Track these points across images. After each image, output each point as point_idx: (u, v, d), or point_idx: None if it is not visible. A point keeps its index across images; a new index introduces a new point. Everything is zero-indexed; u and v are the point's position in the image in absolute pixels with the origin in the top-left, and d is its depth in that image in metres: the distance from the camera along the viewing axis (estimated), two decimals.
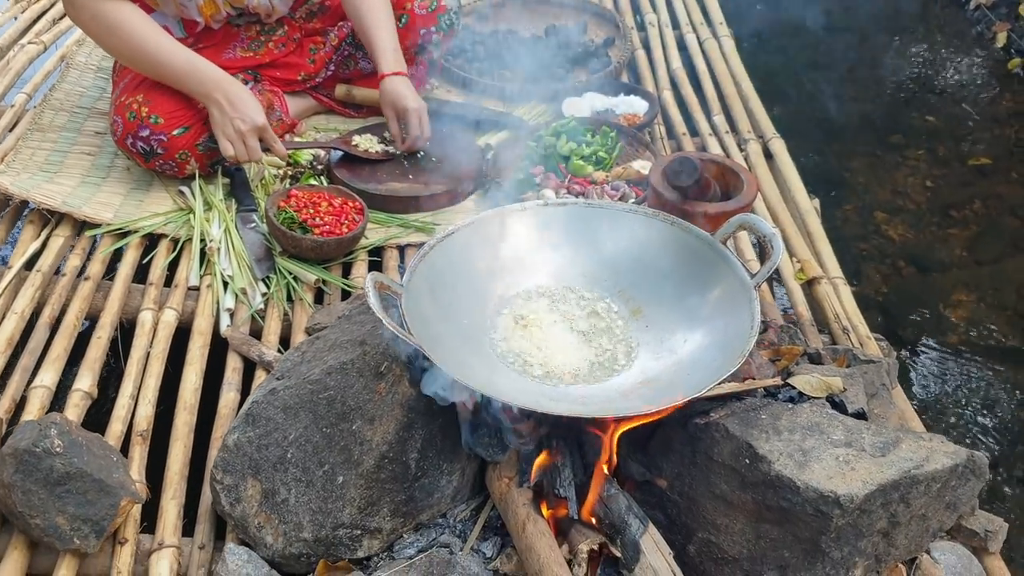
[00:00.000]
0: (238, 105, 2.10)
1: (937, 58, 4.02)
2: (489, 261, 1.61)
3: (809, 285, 2.07)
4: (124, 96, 2.18)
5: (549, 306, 1.60)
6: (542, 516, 1.35)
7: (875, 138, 3.42)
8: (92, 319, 1.95)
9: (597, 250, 1.66)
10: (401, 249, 2.16)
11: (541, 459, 1.36)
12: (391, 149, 2.39)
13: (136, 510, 1.54)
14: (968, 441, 2.28)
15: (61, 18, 2.96)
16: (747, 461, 1.30)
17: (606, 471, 1.37)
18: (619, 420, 1.35)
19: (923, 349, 2.57)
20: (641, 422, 1.36)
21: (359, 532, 1.38)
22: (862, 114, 3.59)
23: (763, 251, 1.86)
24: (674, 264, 1.60)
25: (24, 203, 2.16)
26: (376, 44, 2.29)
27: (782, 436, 1.32)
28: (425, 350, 1.32)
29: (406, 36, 2.47)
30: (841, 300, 2.02)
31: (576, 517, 1.34)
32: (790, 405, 1.41)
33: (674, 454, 1.39)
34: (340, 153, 2.36)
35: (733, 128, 2.60)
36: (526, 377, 1.47)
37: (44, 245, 2.07)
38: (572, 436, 1.40)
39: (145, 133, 2.15)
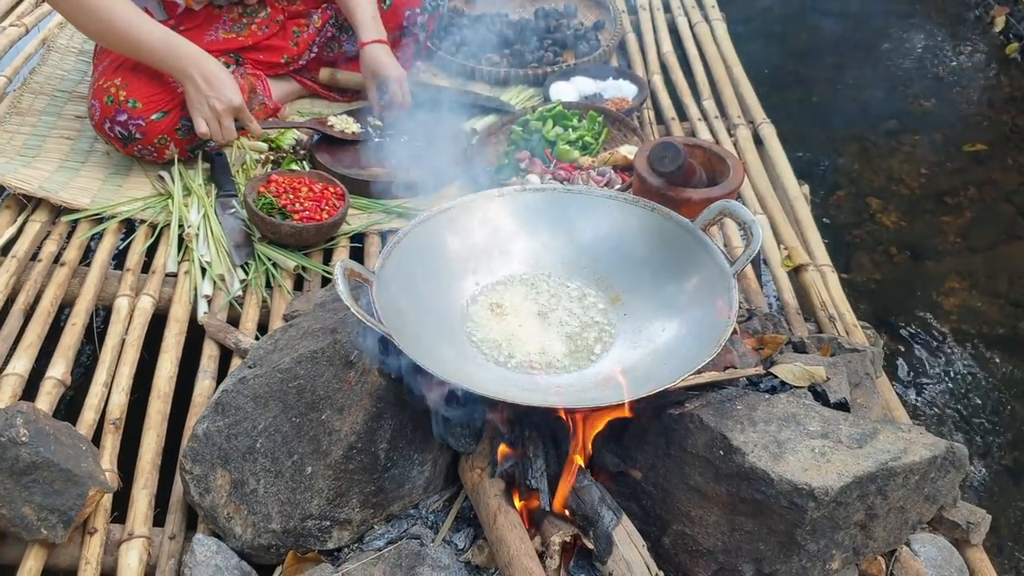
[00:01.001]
0: (214, 83, 2.06)
1: (934, 42, 3.97)
2: (464, 248, 1.59)
3: (796, 272, 2.04)
4: (102, 79, 2.15)
5: (525, 293, 1.57)
6: (514, 507, 1.32)
7: (869, 124, 3.39)
8: (68, 305, 1.92)
9: (575, 237, 1.63)
10: (383, 235, 2.13)
11: (503, 448, 1.33)
12: (370, 130, 2.36)
13: (106, 500, 1.51)
14: (957, 430, 2.26)
15: (43, 0, 2.92)
16: (721, 452, 1.27)
17: (579, 462, 1.34)
18: (591, 411, 1.32)
19: (915, 337, 2.54)
20: (613, 413, 1.33)
21: (328, 523, 1.36)
22: (857, 99, 3.55)
23: (746, 238, 1.83)
24: (653, 251, 1.57)
25: (0, 188, 2.12)
26: (356, 14, 2.28)
27: (757, 427, 1.29)
28: (394, 338, 1.29)
29: (391, 18, 2.45)
30: (828, 288, 1.99)
31: (548, 509, 1.32)
32: (767, 396, 1.38)
33: (648, 445, 1.36)
34: (319, 137, 2.33)
35: (723, 113, 2.56)
36: (500, 366, 1.45)
37: (20, 230, 2.04)
38: (546, 426, 1.37)
39: (123, 118, 2.11)
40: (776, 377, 1.59)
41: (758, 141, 2.46)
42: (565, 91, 2.55)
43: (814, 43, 3.89)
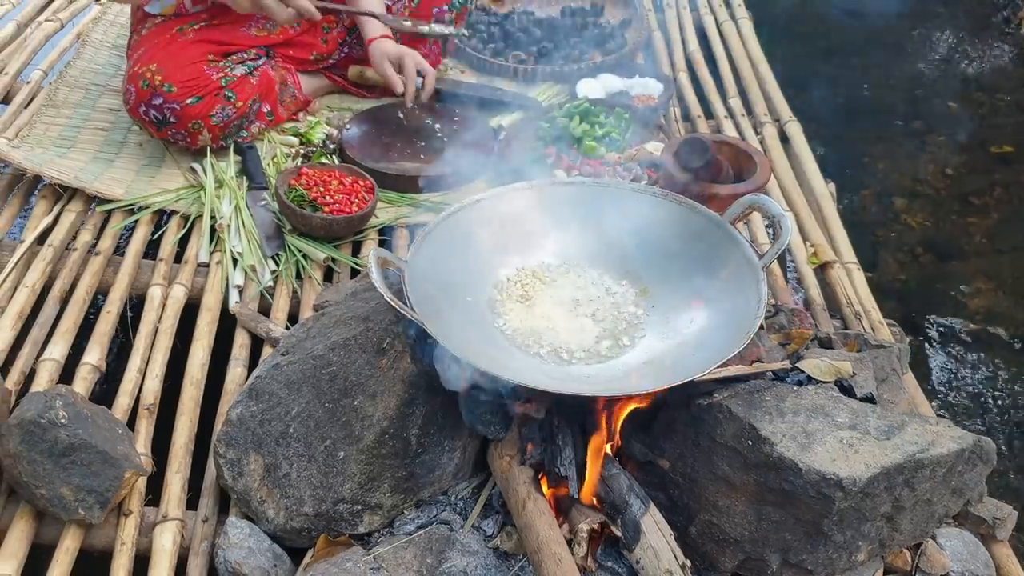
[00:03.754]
0: None
1: (960, 44, 3.96)
2: (494, 239, 1.60)
3: (822, 269, 2.05)
4: (138, 66, 2.18)
5: (554, 284, 1.59)
6: (542, 495, 1.34)
7: (895, 124, 3.38)
8: (102, 294, 1.95)
9: (604, 230, 1.64)
10: (411, 228, 2.15)
11: (531, 437, 1.35)
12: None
13: (141, 483, 1.54)
14: (982, 428, 2.25)
15: None
16: (749, 443, 1.28)
17: (608, 451, 1.36)
18: (620, 399, 1.33)
19: (939, 336, 2.54)
20: (641, 403, 1.35)
21: (359, 508, 1.38)
22: (883, 100, 3.55)
23: (774, 233, 1.84)
24: (682, 244, 1.58)
25: (37, 178, 2.16)
26: (364, 7, 2.33)
27: (786, 418, 1.30)
28: (427, 326, 1.31)
29: (418, 15, 2.47)
30: (854, 285, 2.00)
31: (576, 496, 1.33)
32: (795, 387, 1.39)
33: (677, 435, 1.37)
34: (353, 130, 2.36)
35: (749, 111, 2.57)
36: (529, 355, 1.46)
37: (56, 220, 2.08)
38: (575, 415, 1.39)
39: (158, 101, 2.15)
40: (802, 372, 1.60)
41: (784, 139, 2.46)
42: (592, 88, 2.57)
43: (840, 42, 3.89)
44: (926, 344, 2.51)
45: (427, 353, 1.38)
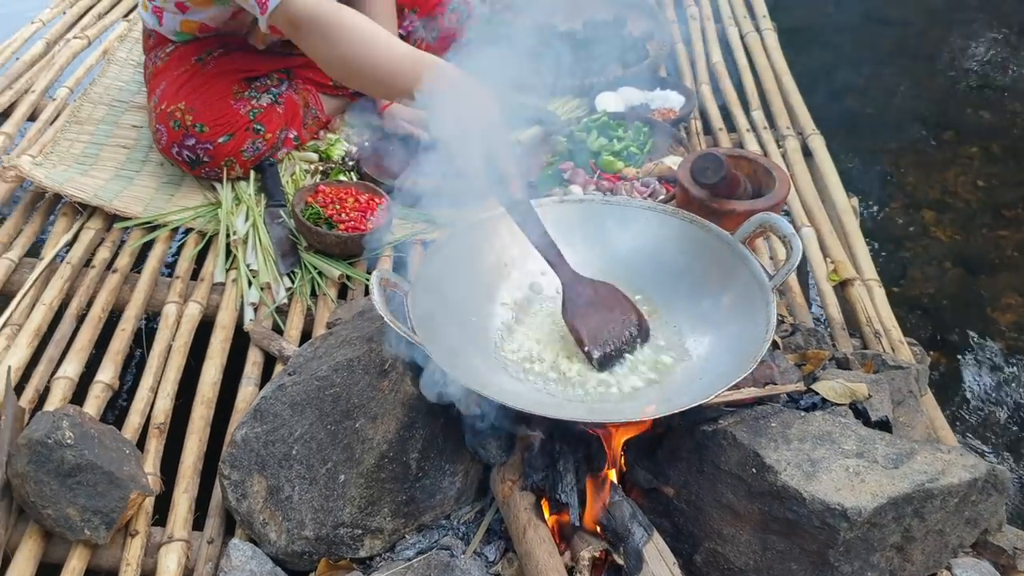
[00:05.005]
0: None
1: (996, 52, 3.88)
2: (500, 258, 1.59)
3: (842, 287, 2.01)
4: (165, 104, 2.19)
5: (559, 305, 1.56)
6: (544, 521, 1.32)
7: (926, 135, 3.32)
8: (119, 311, 1.97)
9: (612, 248, 1.62)
10: (426, 244, 2.14)
11: (532, 462, 1.33)
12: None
13: (148, 503, 1.55)
14: (1009, 451, 2.19)
15: (106, 13, 3.01)
16: (754, 470, 1.25)
17: (612, 477, 1.33)
18: (622, 425, 1.31)
19: (968, 353, 2.48)
20: (645, 428, 1.32)
21: (360, 532, 1.37)
22: (914, 110, 3.48)
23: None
24: (691, 263, 1.56)
25: (59, 196, 2.19)
26: None
27: (791, 445, 1.27)
28: (427, 349, 1.30)
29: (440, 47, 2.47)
30: (875, 303, 1.95)
31: (578, 524, 1.31)
32: (802, 414, 1.36)
33: (681, 461, 1.35)
34: (371, 147, 2.36)
35: (772, 124, 2.53)
36: (532, 377, 1.44)
37: (76, 237, 2.10)
38: (577, 440, 1.37)
39: (191, 142, 2.17)
40: (817, 394, 1.57)
41: (807, 153, 2.42)
42: (611, 101, 2.54)
43: (871, 52, 3.83)
44: (952, 362, 2.45)
45: (428, 376, 1.37)
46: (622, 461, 1.38)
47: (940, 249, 2.82)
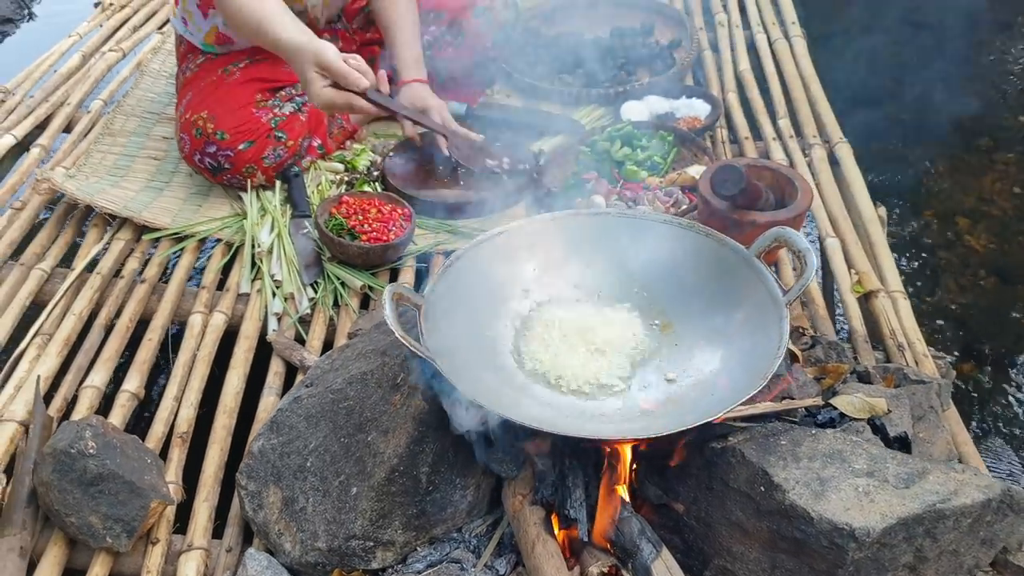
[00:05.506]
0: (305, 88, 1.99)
1: None
2: (514, 272, 1.60)
3: (866, 299, 1.98)
4: (188, 113, 2.24)
5: (574, 318, 1.57)
6: (553, 536, 1.32)
7: (961, 141, 3.26)
8: (147, 321, 2.01)
9: (628, 261, 1.62)
10: (448, 255, 2.15)
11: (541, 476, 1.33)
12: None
13: (170, 511, 1.58)
14: None
15: (141, 25, 3.07)
16: (762, 489, 1.25)
17: (622, 492, 1.33)
18: (632, 442, 1.31)
19: (1002, 365, 2.43)
20: (656, 446, 1.32)
21: (372, 544, 1.39)
22: (949, 116, 3.42)
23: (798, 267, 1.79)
24: (706, 278, 1.55)
25: (90, 207, 2.24)
26: (399, 53, 2.33)
27: (800, 464, 1.26)
28: (437, 364, 1.31)
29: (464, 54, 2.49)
30: (899, 315, 1.92)
31: (587, 539, 1.31)
32: (812, 431, 1.35)
33: (691, 478, 1.34)
34: (395, 158, 2.38)
35: (799, 132, 2.50)
36: (544, 391, 1.45)
37: (106, 248, 2.15)
38: (587, 455, 1.37)
39: (212, 149, 2.21)
40: (835, 408, 1.55)
41: (834, 161, 2.39)
42: (636, 110, 2.54)
43: (906, 57, 3.77)
44: (986, 373, 2.41)
45: (440, 390, 1.38)
46: (632, 477, 1.37)
47: (975, 258, 2.77)
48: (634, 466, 1.38)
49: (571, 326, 1.56)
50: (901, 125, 3.37)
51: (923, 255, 2.79)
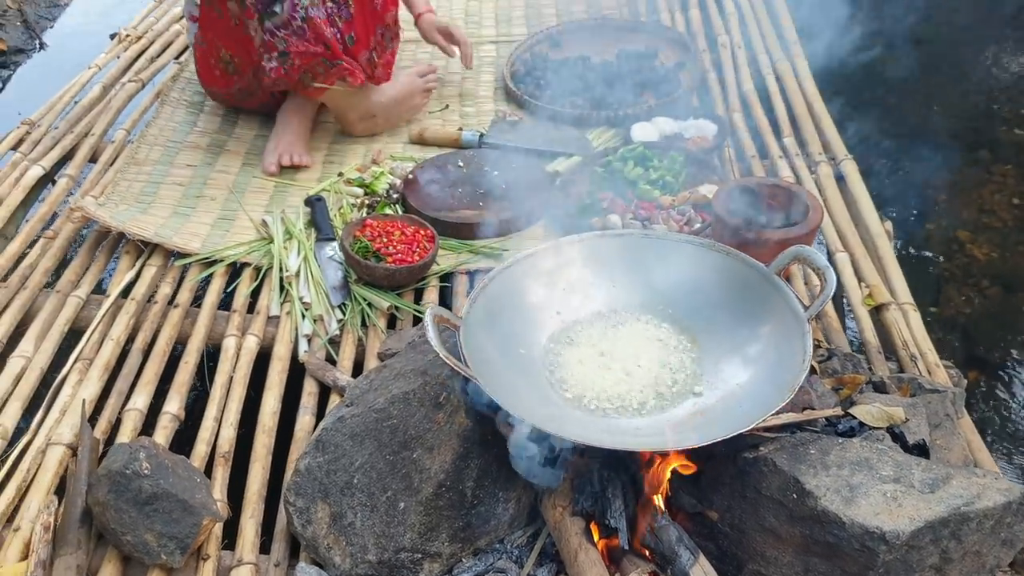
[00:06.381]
0: None
1: None
2: (545, 292, 1.67)
3: (878, 311, 2.05)
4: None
5: (604, 336, 1.64)
6: (594, 545, 1.39)
7: (960, 154, 3.34)
8: (181, 344, 2.07)
9: (653, 280, 1.69)
10: (471, 275, 2.23)
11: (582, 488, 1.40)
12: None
13: (218, 528, 1.64)
14: None
15: (158, 56, 3.15)
16: (794, 496, 1.31)
17: (657, 502, 1.40)
18: (667, 453, 1.38)
19: (1008, 373, 2.51)
20: (689, 456, 1.39)
21: (420, 556, 1.45)
22: (948, 129, 3.51)
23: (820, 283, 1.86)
24: (729, 295, 1.63)
25: (122, 234, 2.30)
26: None
27: (830, 471, 1.33)
28: (480, 382, 1.38)
29: None
30: (910, 326, 2.00)
31: (627, 547, 1.38)
32: (840, 440, 1.42)
33: (724, 487, 1.41)
34: (414, 180, 2.45)
35: (804, 150, 2.58)
36: (580, 407, 1.52)
37: (138, 274, 2.21)
38: (624, 466, 1.44)
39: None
40: (855, 418, 1.62)
41: (840, 177, 2.47)
42: (646, 131, 2.62)
43: (905, 72, 3.85)
44: (993, 381, 2.48)
45: (482, 407, 1.45)
46: (668, 486, 1.44)
47: (977, 268, 2.85)
48: (669, 477, 1.44)
49: (602, 344, 1.63)
50: (899, 140, 3.45)
51: (927, 266, 2.87)
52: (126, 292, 2.16)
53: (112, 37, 3.30)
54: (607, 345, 1.63)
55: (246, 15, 2.35)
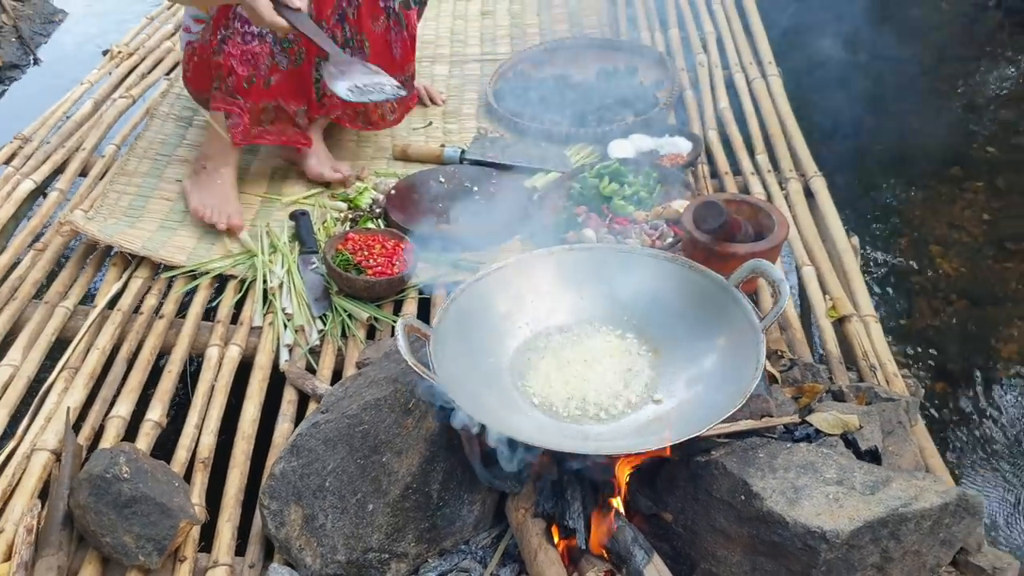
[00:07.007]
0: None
1: (1003, 88, 3.98)
2: (515, 303, 1.73)
3: (840, 323, 2.12)
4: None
5: (570, 345, 1.70)
6: (553, 546, 1.45)
7: (933, 170, 3.43)
8: (165, 353, 2.13)
9: (619, 292, 1.76)
10: (448, 287, 2.28)
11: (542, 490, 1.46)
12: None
13: (195, 531, 1.70)
14: (1004, 477, 2.29)
15: (149, 72, 3.22)
16: (742, 498, 1.38)
17: (616, 504, 1.46)
18: (624, 457, 1.44)
19: (970, 384, 2.58)
20: (645, 459, 1.45)
21: (387, 556, 1.51)
22: (922, 146, 3.59)
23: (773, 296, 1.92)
24: (690, 306, 1.69)
25: (109, 247, 2.36)
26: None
27: (777, 474, 1.39)
28: (447, 389, 1.44)
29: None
30: (871, 338, 2.06)
31: (584, 548, 1.44)
32: (788, 445, 1.48)
33: (678, 490, 1.47)
34: (396, 195, 2.52)
35: (776, 167, 2.66)
36: (544, 414, 1.58)
37: (125, 286, 2.27)
38: (584, 470, 1.50)
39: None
40: (811, 425, 1.68)
41: (810, 194, 2.54)
42: (623, 148, 2.69)
43: (881, 90, 3.94)
44: (957, 391, 2.55)
45: (449, 414, 1.51)
46: (625, 490, 1.50)
47: (946, 282, 2.92)
48: (627, 480, 1.50)
49: (568, 354, 1.69)
50: (875, 156, 3.53)
51: (898, 280, 2.94)
52: (113, 303, 2.23)
53: (104, 53, 3.38)
54: (573, 354, 1.70)
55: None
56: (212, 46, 2.40)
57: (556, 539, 1.47)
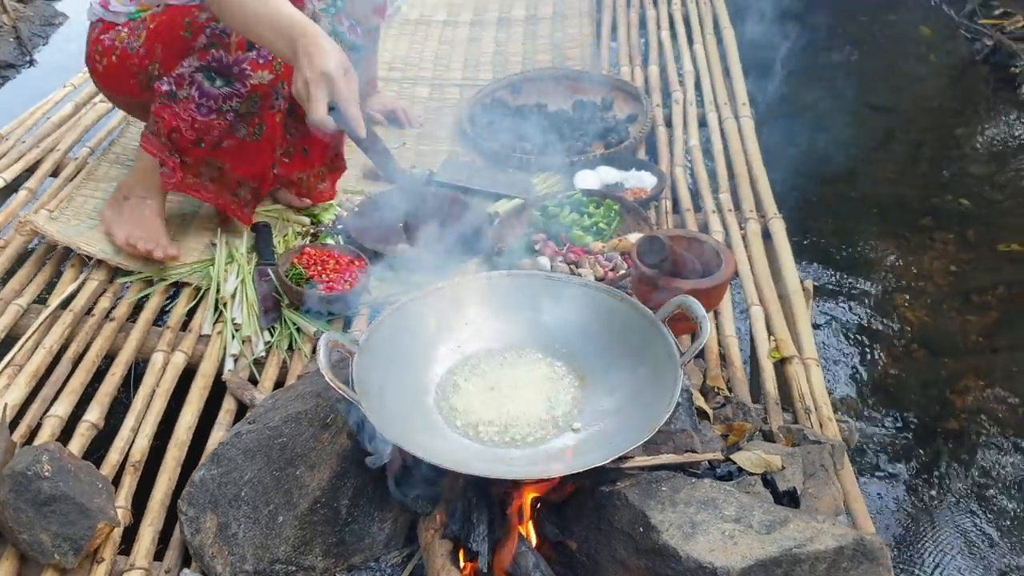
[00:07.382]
0: (312, 53, 1.75)
1: (980, 141, 4.02)
2: (447, 325, 1.75)
3: (782, 364, 2.13)
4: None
5: (498, 371, 1.72)
6: (457, 568, 1.45)
7: (905, 220, 3.45)
8: (112, 357, 2.15)
9: (550, 320, 1.78)
10: None
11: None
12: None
13: (116, 533, 1.71)
14: (957, 522, 2.30)
15: None
16: (641, 529, 1.38)
17: (520, 529, 1.47)
18: (529, 483, 1.45)
19: (921, 432, 2.58)
20: (552, 486, 1.46)
21: (294, 568, 1.52)
22: (897, 195, 3.62)
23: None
24: (618, 337, 1.71)
25: (69, 248, 2.39)
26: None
27: (677, 508, 1.40)
28: (362, 406, 1.46)
29: None
30: (811, 381, 2.07)
31: (486, 571, 1.45)
32: (692, 480, 1.49)
33: (584, 518, 1.48)
34: (359, 213, 2.54)
35: (738, 206, 2.68)
36: (466, 437, 1.59)
37: (80, 287, 2.30)
38: (494, 494, 1.51)
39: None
40: (734, 463, 1.69)
41: (768, 235, 2.56)
42: (589, 179, 2.72)
43: (861, 137, 3.98)
44: (908, 438, 2.56)
45: (364, 431, 1.52)
46: (534, 515, 1.51)
47: (908, 331, 2.94)
48: (539, 506, 1.51)
49: (495, 378, 1.71)
50: (849, 203, 3.56)
51: (859, 326, 2.95)
52: (66, 304, 2.25)
53: None
54: (500, 379, 1.71)
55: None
56: (157, 92, 2.16)
57: (462, 561, 1.48)
